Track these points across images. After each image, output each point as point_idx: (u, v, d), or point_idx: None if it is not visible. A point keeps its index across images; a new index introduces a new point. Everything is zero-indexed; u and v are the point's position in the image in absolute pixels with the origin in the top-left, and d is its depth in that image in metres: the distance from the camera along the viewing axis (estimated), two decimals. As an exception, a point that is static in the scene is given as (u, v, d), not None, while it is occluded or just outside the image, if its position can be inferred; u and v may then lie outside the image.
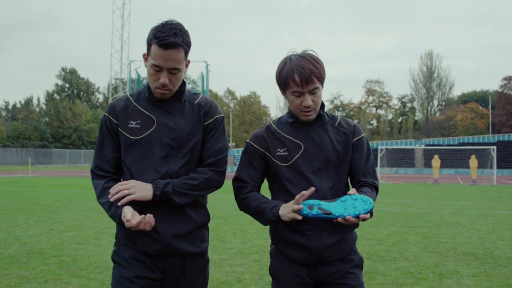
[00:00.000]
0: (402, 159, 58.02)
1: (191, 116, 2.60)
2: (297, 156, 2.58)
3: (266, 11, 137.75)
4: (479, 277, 6.05)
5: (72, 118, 78.22)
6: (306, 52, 2.56)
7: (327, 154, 2.58)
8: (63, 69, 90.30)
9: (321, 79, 2.52)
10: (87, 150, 74.91)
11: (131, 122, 2.58)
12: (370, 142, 67.87)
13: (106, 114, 2.64)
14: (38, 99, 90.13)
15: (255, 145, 2.67)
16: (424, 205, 15.64)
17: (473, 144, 60.76)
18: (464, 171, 50.77)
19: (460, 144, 61.66)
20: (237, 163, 65.17)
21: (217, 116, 2.64)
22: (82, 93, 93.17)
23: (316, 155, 2.58)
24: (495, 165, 33.23)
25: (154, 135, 2.54)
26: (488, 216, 12.80)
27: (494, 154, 33.06)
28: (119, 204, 2.39)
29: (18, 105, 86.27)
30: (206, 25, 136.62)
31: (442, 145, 63.01)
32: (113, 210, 2.43)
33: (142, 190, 2.42)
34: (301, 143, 2.60)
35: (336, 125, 2.66)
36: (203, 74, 39.57)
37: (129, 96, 2.67)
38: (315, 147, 2.59)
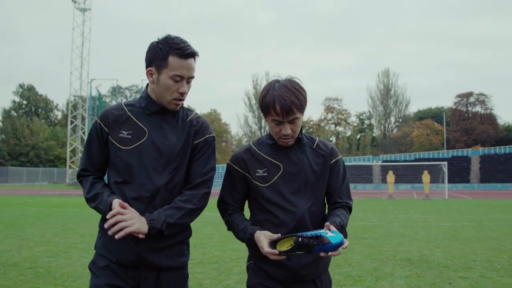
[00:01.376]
0: (360, 175, 59.51)
1: (182, 133, 2.63)
2: (276, 176, 2.66)
3: (225, 28, 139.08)
4: (410, 278, 6.90)
5: (30, 136, 76.92)
6: (289, 81, 2.63)
7: (305, 175, 2.66)
8: (20, 86, 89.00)
9: (302, 110, 2.59)
10: (45, 168, 73.86)
11: (123, 132, 2.59)
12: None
13: (98, 121, 2.65)
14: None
15: (235, 167, 2.74)
16: (376, 219, 16.59)
17: (428, 159, 62.72)
18: (420, 185, 52.23)
19: (415, 160, 63.59)
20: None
21: (207, 135, 2.68)
22: (40, 110, 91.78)
23: (295, 176, 2.66)
24: (446, 180, 34.76)
25: (143, 148, 2.56)
26: (432, 227, 13.81)
27: (446, 169, 34.60)
28: (116, 237, 2.35)
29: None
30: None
31: (398, 161, 64.76)
32: (103, 203, 2.48)
33: (139, 223, 2.39)
34: (280, 164, 2.68)
35: (314, 147, 2.75)
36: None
37: (123, 106, 2.68)
38: (294, 168, 2.67)
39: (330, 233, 2.36)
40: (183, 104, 2.66)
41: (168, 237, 2.54)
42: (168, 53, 2.49)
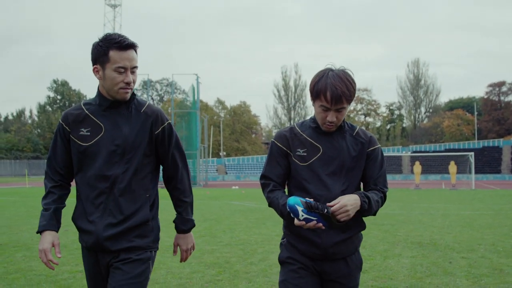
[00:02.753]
0: (390, 165, 59.65)
1: (137, 124, 2.82)
2: (315, 158, 2.78)
3: (254, 20, 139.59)
4: (415, 258, 7.64)
5: (65, 130, 79.00)
6: (343, 71, 2.74)
7: (343, 159, 2.77)
8: (54, 81, 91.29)
9: (350, 100, 2.71)
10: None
11: (82, 129, 2.80)
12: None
13: (61, 122, 2.86)
14: (31, 111, 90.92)
15: (278, 144, 2.86)
16: (397, 207, 17.24)
17: (458, 150, 62.48)
18: (449, 176, 52.59)
19: (445, 150, 63.32)
20: (228, 172, 65.89)
21: (165, 124, 2.89)
22: (73, 104, 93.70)
23: (332, 159, 2.77)
24: (473, 170, 34.91)
25: (101, 142, 2.77)
26: (450, 215, 14.41)
27: (473, 160, 34.76)
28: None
29: (10, 117, 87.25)
30: (196, 35, 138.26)
31: (428, 152, 64.66)
32: (40, 220, 2.85)
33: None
34: (320, 147, 2.79)
35: (354, 134, 2.85)
36: (194, 86, 41.10)
37: (82, 105, 2.89)
38: (333, 151, 2.78)
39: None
40: (135, 95, 2.86)
41: (120, 218, 2.78)
42: (108, 49, 2.69)
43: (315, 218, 2.54)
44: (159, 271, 6.64)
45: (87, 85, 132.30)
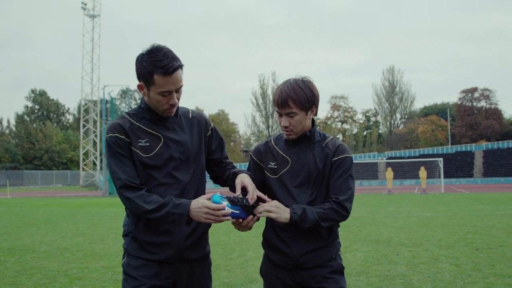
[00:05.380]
0: (366, 172, 61.16)
1: (191, 129, 2.84)
2: (283, 170, 2.88)
3: (234, 27, 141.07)
4: (369, 252, 9.02)
5: (43, 140, 78.91)
6: (299, 79, 2.82)
7: (309, 171, 2.84)
8: (32, 91, 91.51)
9: (301, 105, 2.75)
10: (59, 171, 76.20)
11: (140, 140, 2.70)
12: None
13: (115, 134, 2.69)
14: (8, 121, 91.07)
15: (254, 158, 3.02)
16: (366, 211, 18.63)
17: (432, 155, 64.17)
18: (426, 181, 54.28)
19: (420, 156, 64.92)
20: (208, 179, 67.37)
21: (212, 125, 2.97)
22: (52, 114, 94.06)
23: (300, 171, 2.85)
24: (442, 175, 36.66)
25: (163, 151, 2.72)
26: (412, 217, 15.84)
27: (441, 165, 36.55)
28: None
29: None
30: (174, 42, 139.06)
31: (403, 157, 66.21)
32: (179, 207, 2.59)
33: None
34: (289, 159, 2.89)
35: (323, 145, 2.90)
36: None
37: (128, 117, 2.77)
38: (300, 163, 2.86)
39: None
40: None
41: (199, 227, 2.78)
42: (153, 72, 2.57)
43: (237, 212, 2.63)
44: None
45: (66, 94, 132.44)
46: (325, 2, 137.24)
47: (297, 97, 2.73)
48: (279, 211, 2.71)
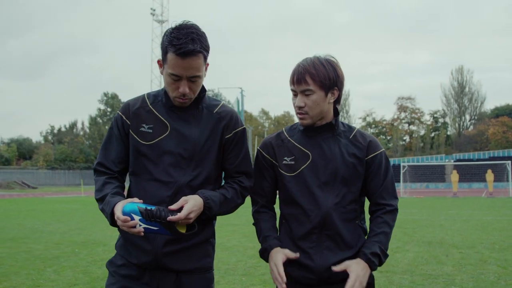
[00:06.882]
0: (433, 174, 60.11)
1: (208, 126, 2.45)
2: (303, 166, 2.45)
3: (301, 29, 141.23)
4: (420, 252, 9.27)
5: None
6: (319, 56, 2.46)
7: (336, 167, 2.42)
8: (105, 94, 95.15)
9: (320, 83, 2.36)
10: (130, 170, 78.96)
11: (143, 125, 2.44)
12: (402, 158, 67.73)
13: (120, 113, 2.49)
14: (82, 123, 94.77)
15: (263, 153, 2.58)
16: (425, 214, 18.65)
17: (503, 158, 62.27)
18: (494, 184, 52.74)
19: (490, 159, 63.19)
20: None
21: (238, 129, 2.52)
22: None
23: (324, 167, 2.43)
24: (510, 178, 35.61)
25: (165, 143, 2.40)
26: (472, 220, 15.79)
27: (510, 168, 35.49)
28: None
29: (63, 129, 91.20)
30: (241, 44, 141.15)
31: (472, 160, 64.63)
32: (107, 206, 2.31)
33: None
34: (309, 153, 2.46)
35: (351, 137, 2.50)
36: (238, 99, 43.20)
37: (146, 98, 2.53)
38: (324, 158, 2.44)
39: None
40: (205, 92, 2.50)
41: (191, 235, 2.33)
42: (167, 49, 2.29)
43: (156, 228, 2.19)
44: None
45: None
46: (392, 2, 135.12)
47: (316, 72, 2.36)
48: (361, 278, 2.35)
